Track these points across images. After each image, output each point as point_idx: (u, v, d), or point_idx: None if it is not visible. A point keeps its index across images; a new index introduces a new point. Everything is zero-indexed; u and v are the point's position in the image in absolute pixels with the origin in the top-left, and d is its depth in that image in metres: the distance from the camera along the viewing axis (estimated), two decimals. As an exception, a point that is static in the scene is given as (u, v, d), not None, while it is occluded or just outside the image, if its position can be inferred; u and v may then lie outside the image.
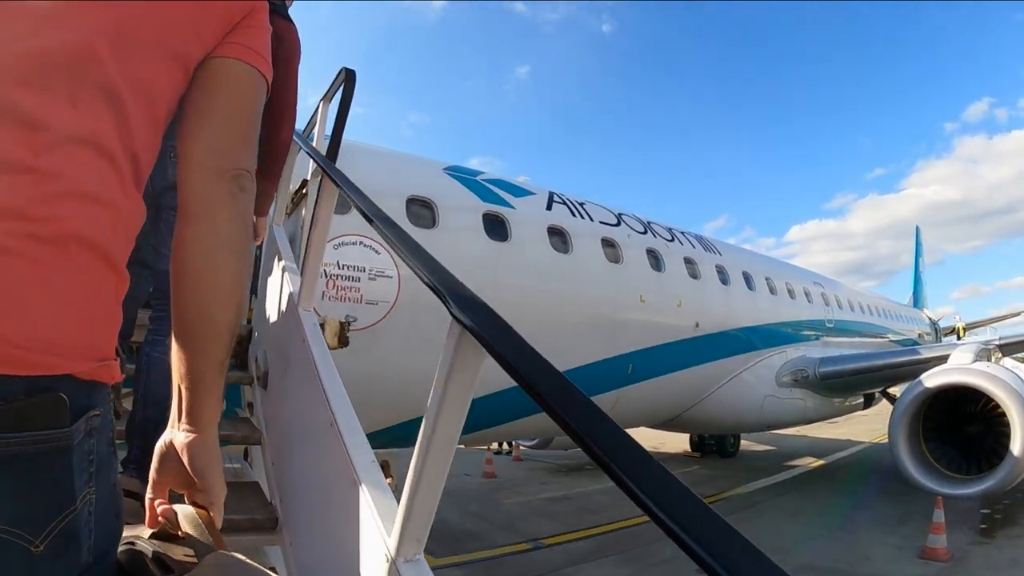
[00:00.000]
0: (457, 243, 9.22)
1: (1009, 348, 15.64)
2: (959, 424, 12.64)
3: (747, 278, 16.01)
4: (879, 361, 17.65)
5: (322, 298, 7.38)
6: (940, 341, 34.92)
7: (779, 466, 20.46)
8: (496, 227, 9.85)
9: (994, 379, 11.54)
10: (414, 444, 1.83)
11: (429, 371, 1.75)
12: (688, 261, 13.86)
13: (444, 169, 10.03)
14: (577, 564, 10.31)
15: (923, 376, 12.61)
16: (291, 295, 3.88)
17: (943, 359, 14.54)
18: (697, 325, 13.36)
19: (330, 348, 3.42)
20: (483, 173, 10.60)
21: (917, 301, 42.68)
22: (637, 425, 14.67)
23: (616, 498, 15.30)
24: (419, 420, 1.81)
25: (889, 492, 15.48)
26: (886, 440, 24.71)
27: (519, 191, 10.82)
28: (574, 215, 11.49)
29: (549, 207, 11.15)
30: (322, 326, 3.63)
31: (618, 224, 12.47)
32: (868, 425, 25.50)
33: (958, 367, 12.52)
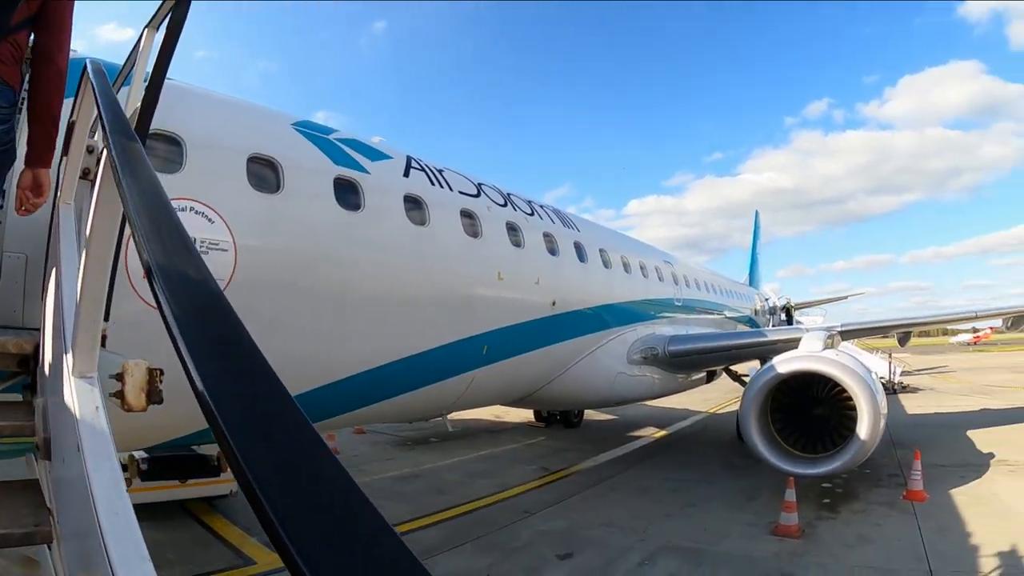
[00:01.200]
0: (304, 211, 8.08)
1: (848, 334, 16.21)
2: (805, 406, 12.92)
3: (603, 256, 15.62)
4: (727, 342, 18.11)
5: (131, 286, 5.62)
6: (774, 317, 36.40)
7: (623, 437, 20.65)
8: (348, 194, 8.75)
9: (844, 368, 11.94)
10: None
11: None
12: (547, 237, 13.24)
13: (293, 125, 8.74)
14: (432, 555, 9.56)
15: (775, 361, 12.86)
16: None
17: (789, 342, 15.36)
18: (554, 303, 12.82)
19: (134, 410, 2.32)
20: (336, 131, 9.42)
21: (752, 280, 44.30)
22: (489, 404, 14.18)
23: (465, 476, 15.03)
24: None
25: (732, 466, 15.95)
26: (722, 411, 25.85)
27: (375, 154, 9.72)
28: (433, 183, 10.52)
29: (407, 173, 10.11)
30: (119, 378, 2.34)
31: (478, 195, 11.63)
32: (703, 395, 26.32)
33: (809, 354, 12.72)
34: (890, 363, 32.48)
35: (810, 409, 12.87)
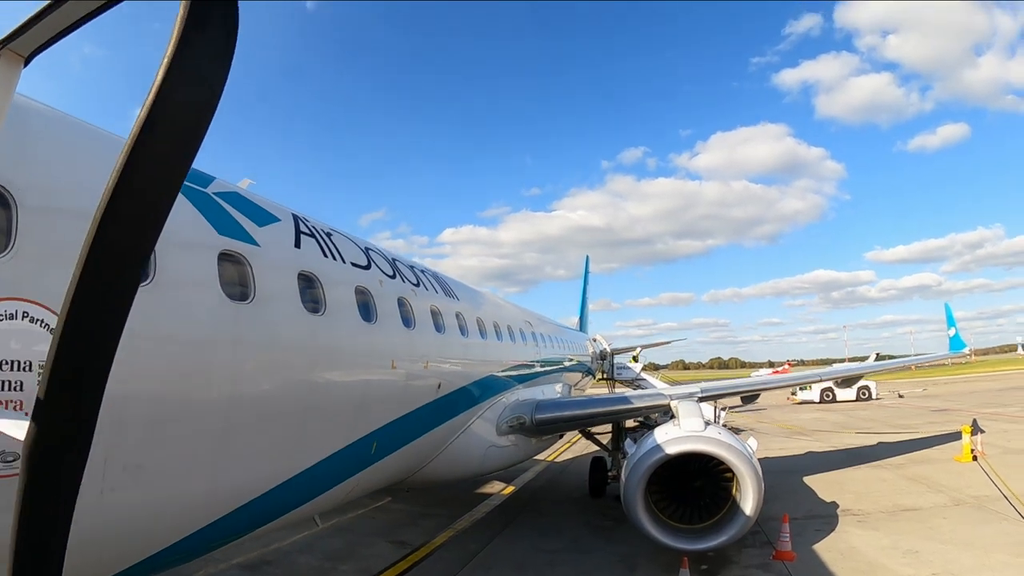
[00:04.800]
0: (182, 304, 5.63)
1: (707, 398, 15.92)
2: (682, 477, 11.99)
3: (480, 325, 13.95)
4: (592, 409, 17.06)
5: None
6: (604, 362, 35.97)
7: (472, 495, 18.70)
8: (236, 277, 6.35)
9: (730, 448, 11.23)
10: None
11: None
12: (434, 312, 11.31)
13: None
14: None
15: (660, 440, 11.63)
16: None
17: (657, 408, 15.39)
18: (440, 386, 11.00)
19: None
20: (215, 180, 6.95)
21: (583, 324, 43.75)
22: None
23: (324, 558, 12.46)
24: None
25: (599, 528, 14.77)
26: (559, 458, 24.57)
27: (262, 216, 7.28)
28: (325, 254, 8.23)
29: (298, 242, 7.75)
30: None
31: (368, 266, 9.46)
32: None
33: (695, 435, 11.59)
34: (715, 407, 32.54)
35: (687, 480, 11.98)
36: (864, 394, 49.18)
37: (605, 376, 36.36)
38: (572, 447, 26.67)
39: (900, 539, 12.77)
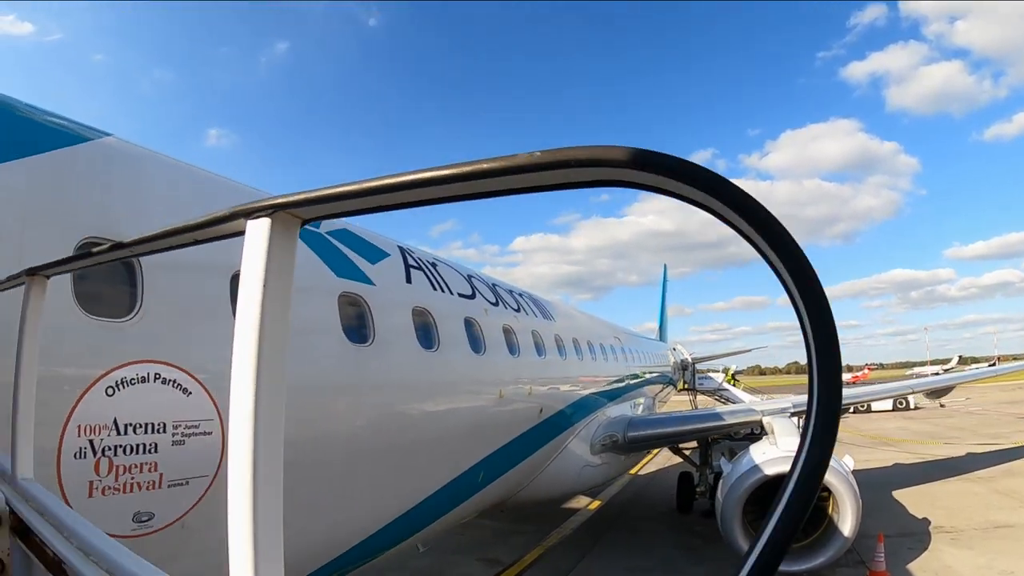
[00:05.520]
0: (307, 356, 5.48)
1: (799, 413, 15.11)
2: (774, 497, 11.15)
3: (576, 345, 13.60)
4: (684, 427, 16.41)
5: (88, 495, 3.79)
6: (685, 372, 35.00)
7: (559, 511, 18.11)
8: (356, 318, 6.20)
9: (831, 470, 10.47)
10: None
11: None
12: (535, 335, 11.03)
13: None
14: None
15: (758, 461, 11.11)
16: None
17: (748, 424, 14.71)
18: (541, 411, 10.73)
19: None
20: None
21: (662, 334, 42.84)
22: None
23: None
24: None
25: (688, 548, 14.06)
26: (642, 471, 24.02)
27: (373, 252, 7.12)
28: (434, 287, 8.05)
29: (408, 277, 7.57)
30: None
31: (473, 295, 9.26)
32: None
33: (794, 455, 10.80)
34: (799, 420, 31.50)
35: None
36: (901, 403, 44.86)
37: (687, 386, 35.48)
38: (654, 459, 26.11)
39: (996, 559, 12.11)
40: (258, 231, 1.17)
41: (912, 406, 44.97)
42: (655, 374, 24.66)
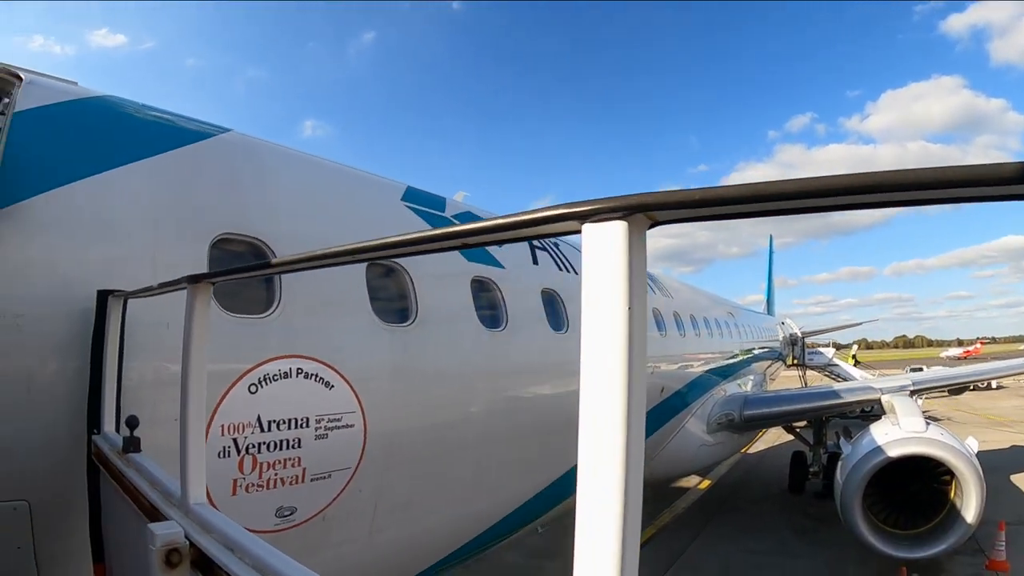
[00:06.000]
0: (443, 345, 5.28)
1: (919, 391, 14.36)
2: (897, 481, 10.78)
3: (693, 322, 13.11)
4: (801, 405, 15.58)
5: (232, 493, 3.73)
6: (795, 348, 33.44)
7: (670, 489, 17.66)
8: (488, 304, 5.98)
9: (954, 451, 10.11)
10: None
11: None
12: (656, 314, 10.55)
13: (403, 200, 5.82)
14: None
15: (880, 442, 10.48)
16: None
17: (865, 403, 14.09)
18: (662, 390, 10.35)
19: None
20: (446, 200, 6.55)
21: (770, 307, 41.33)
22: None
23: (529, 556, 12.18)
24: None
25: (802, 531, 13.50)
26: (751, 450, 23.24)
27: (499, 234, 6.81)
28: (560, 267, 7.72)
29: (535, 258, 7.26)
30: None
31: (596, 274, 8.82)
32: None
33: (917, 436, 10.48)
34: (915, 398, 29.64)
35: (901, 481, 10.76)
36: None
37: (796, 362, 33.96)
38: (763, 437, 25.26)
39: None
40: (609, 232, 1.04)
41: (995, 385, 40.74)
42: (765, 349, 23.81)
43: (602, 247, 1.04)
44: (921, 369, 26.38)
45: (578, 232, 1.08)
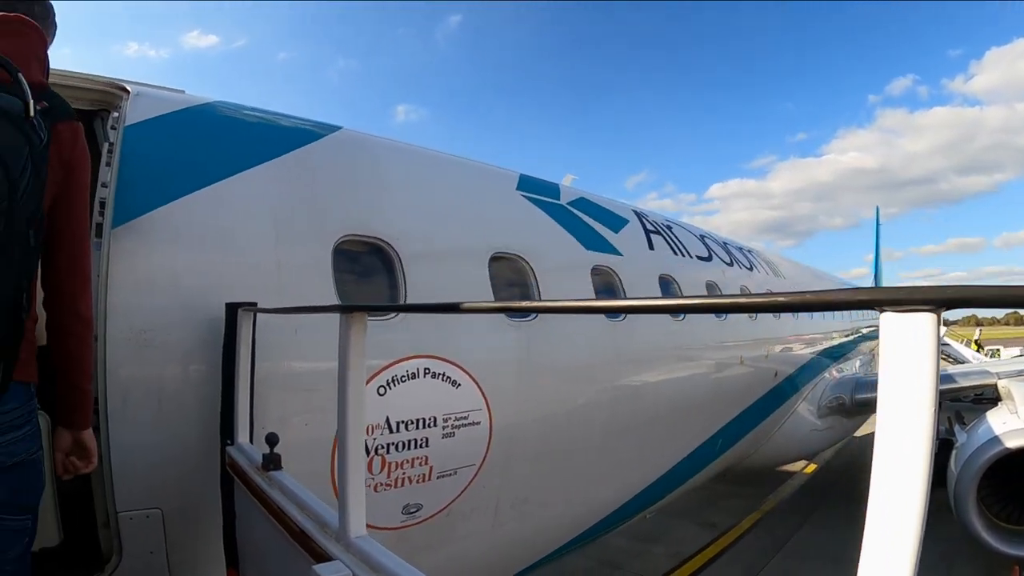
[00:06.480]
0: (566, 332, 5.10)
1: None
2: (1014, 473, 9.76)
3: None
4: None
5: (375, 491, 3.72)
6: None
7: (774, 473, 17.01)
8: (608, 292, 5.80)
9: None
10: None
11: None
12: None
13: (518, 189, 5.64)
14: None
15: (998, 432, 9.63)
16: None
17: (980, 388, 13.12)
18: (776, 374, 9.91)
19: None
20: (559, 187, 6.32)
21: (878, 283, 39.36)
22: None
23: (635, 540, 12.06)
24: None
25: None
26: (859, 433, 22.29)
27: (613, 220, 6.63)
28: (675, 252, 7.48)
29: (650, 243, 7.03)
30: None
31: (709, 257, 8.59)
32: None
33: None
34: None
35: (1020, 476, 9.79)
36: None
37: None
38: (869, 421, 24.15)
39: None
40: (913, 323, 0.90)
41: None
42: (874, 328, 22.70)
43: (904, 337, 0.93)
44: None
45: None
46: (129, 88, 3.46)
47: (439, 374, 3.97)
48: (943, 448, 13.54)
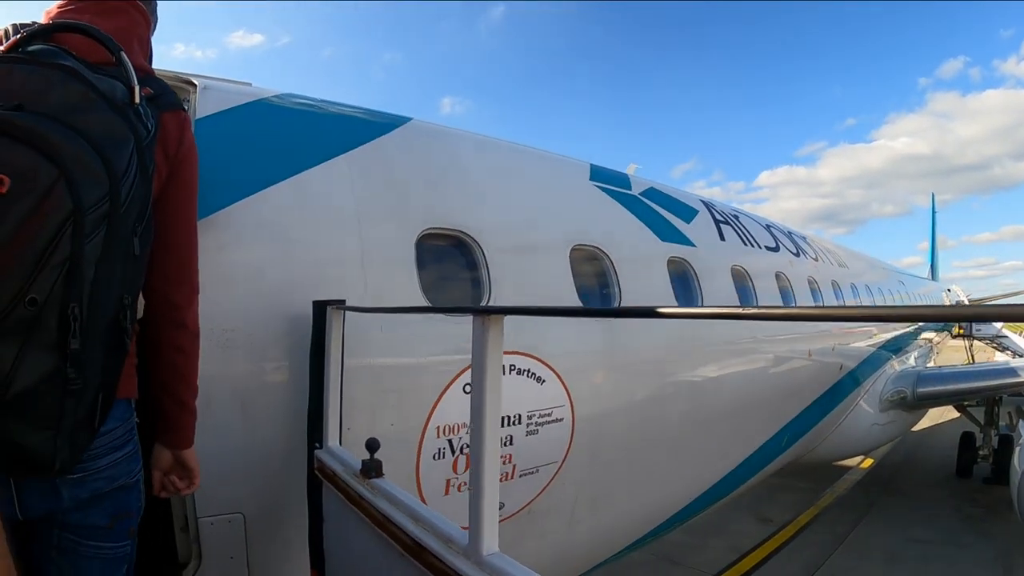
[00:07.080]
0: (642, 328, 4.89)
1: None
2: None
3: (869, 292, 12.36)
4: (978, 383, 14.08)
5: (445, 492, 3.56)
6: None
7: (830, 468, 16.58)
8: (683, 285, 5.62)
9: None
10: None
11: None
12: (835, 287, 9.87)
13: (591, 180, 5.41)
14: None
15: None
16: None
17: None
18: (840, 368, 9.59)
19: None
20: (629, 176, 6.08)
21: (934, 273, 38.19)
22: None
23: (691, 534, 11.72)
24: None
25: (969, 518, 12.30)
26: (915, 428, 21.61)
27: (684, 210, 6.39)
28: (745, 242, 7.26)
29: (720, 234, 6.80)
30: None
31: (777, 248, 8.30)
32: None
33: None
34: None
35: None
36: None
37: (962, 332, 30.92)
38: (927, 415, 23.43)
39: None
40: None
41: None
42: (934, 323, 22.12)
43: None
44: None
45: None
46: (196, 81, 3.31)
47: (524, 370, 3.81)
48: (1003, 444, 13.06)
